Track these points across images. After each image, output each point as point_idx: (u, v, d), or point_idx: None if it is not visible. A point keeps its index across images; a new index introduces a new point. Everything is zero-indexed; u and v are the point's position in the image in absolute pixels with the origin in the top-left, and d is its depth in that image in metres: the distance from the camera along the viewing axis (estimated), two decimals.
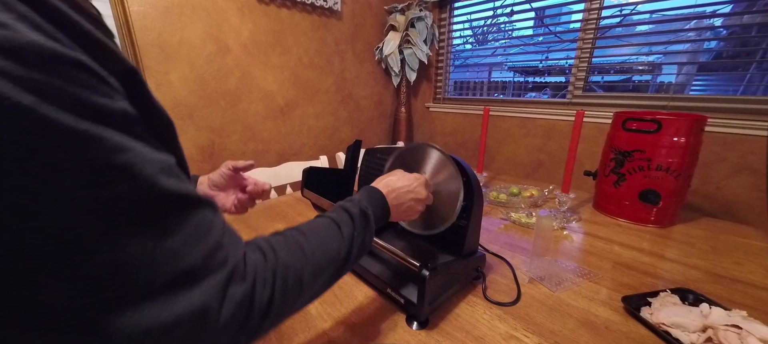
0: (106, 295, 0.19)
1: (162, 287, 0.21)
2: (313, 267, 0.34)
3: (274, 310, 0.28)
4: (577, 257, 0.78)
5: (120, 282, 0.19)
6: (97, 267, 0.18)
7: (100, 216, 0.18)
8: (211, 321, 0.23)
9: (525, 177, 1.88)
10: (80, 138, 0.17)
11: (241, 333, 0.25)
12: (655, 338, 0.52)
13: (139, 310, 0.20)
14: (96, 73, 0.19)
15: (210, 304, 0.23)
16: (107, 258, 0.19)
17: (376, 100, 2.36)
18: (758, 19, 1.29)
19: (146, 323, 0.20)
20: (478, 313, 0.57)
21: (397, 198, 0.50)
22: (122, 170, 0.19)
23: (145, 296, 0.20)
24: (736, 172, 1.31)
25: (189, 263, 0.22)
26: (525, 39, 2.01)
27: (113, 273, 0.19)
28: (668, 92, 1.51)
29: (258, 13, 1.66)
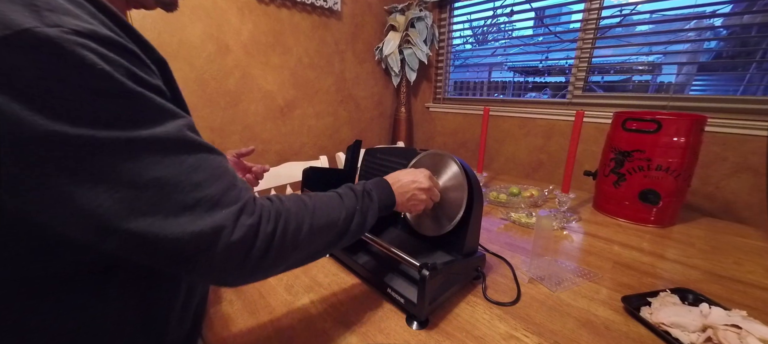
0: (149, 204, 0.27)
1: (191, 206, 0.28)
2: (313, 221, 0.38)
3: (275, 245, 0.33)
4: (577, 257, 0.78)
5: (161, 195, 0.27)
6: (147, 182, 0.26)
7: (148, 145, 0.27)
8: (225, 238, 0.29)
9: (525, 177, 1.88)
10: (133, 95, 0.27)
11: (247, 258, 0.31)
12: (654, 338, 0.52)
13: (173, 220, 0.27)
14: (141, 58, 0.29)
15: (225, 225, 0.29)
16: (154, 176, 0.27)
17: (376, 100, 2.36)
18: (758, 19, 1.29)
19: (179, 230, 0.27)
20: (478, 313, 0.57)
21: (402, 187, 0.54)
22: (161, 120, 0.28)
23: (179, 210, 0.27)
24: (736, 172, 1.31)
25: (210, 193, 0.29)
26: (525, 39, 2.01)
27: (157, 187, 0.27)
28: (668, 92, 1.51)
29: (258, 13, 1.66)
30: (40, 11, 0.23)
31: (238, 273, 0.31)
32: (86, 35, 0.24)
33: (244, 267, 0.31)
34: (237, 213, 0.30)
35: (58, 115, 0.23)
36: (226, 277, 0.31)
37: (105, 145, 0.25)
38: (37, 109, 0.22)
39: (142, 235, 0.26)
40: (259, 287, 0.63)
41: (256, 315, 0.56)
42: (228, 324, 0.54)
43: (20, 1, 0.23)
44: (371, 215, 0.47)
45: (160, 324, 0.42)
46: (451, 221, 0.61)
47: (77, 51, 0.23)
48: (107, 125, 0.25)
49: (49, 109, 0.23)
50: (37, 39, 0.22)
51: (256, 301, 0.59)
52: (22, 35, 0.22)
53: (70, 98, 0.23)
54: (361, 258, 0.66)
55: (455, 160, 0.63)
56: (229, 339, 0.51)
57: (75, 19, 0.24)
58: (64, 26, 0.23)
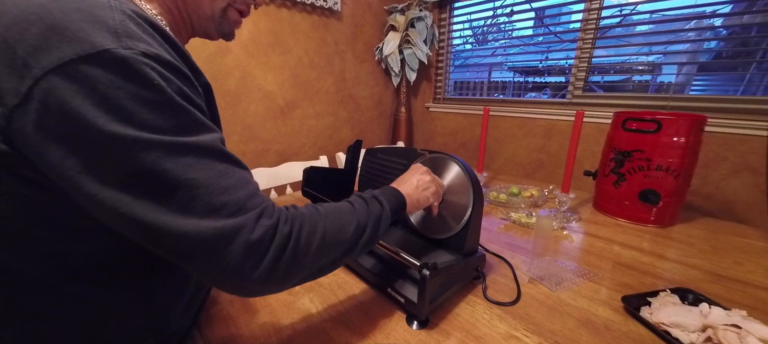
0: (181, 202, 0.30)
1: (217, 208, 0.31)
2: (326, 225, 0.40)
3: (290, 246, 0.35)
4: (577, 257, 0.78)
5: (192, 195, 0.30)
6: (182, 181, 0.30)
7: (187, 149, 0.31)
8: (244, 235, 0.32)
9: (525, 177, 1.88)
10: (179, 108, 0.31)
11: (264, 258, 0.33)
12: (654, 338, 0.52)
13: (199, 220, 0.30)
14: (191, 80, 0.34)
15: (246, 224, 0.32)
16: (189, 177, 0.30)
17: (376, 100, 2.36)
18: (758, 19, 1.29)
19: (203, 227, 0.30)
20: (478, 313, 0.57)
21: (408, 185, 0.56)
22: (199, 131, 0.32)
23: (206, 211, 0.31)
24: (736, 172, 1.31)
25: (235, 198, 0.33)
26: (525, 39, 2.01)
27: (190, 188, 0.30)
28: (668, 92, 1.51)
29: (258, 13, 1.66)
30: (121, 37, 0.28)
31: (255, 274, 0.32)
32: (151, 57, 0.30)
33: (261, 267, 0.33)
34: (257, 215, 0.33)
35: (118, 119, 0.28)
36: (242, 279, 0.32)
37: (150, 145, 0.28)
38: (104, 112, 0.27)
39: (170, 231, 0.29)
40: None
41: (256, 315, 0.56)
42: (228, 324, 0.54)
43: (107, 28, 0.28)
44: (384, 219, 0.47)
45: (164, 317, 0.42)
46: (458, 223, 0.61)
47: (142, 69, 0.29)
48: (154, 130, 0.29)
49: (112, 113, 0.27)
50: (114, 57, 0.27)
51: (256, 301, 0.59)
52: (103, 54, 0.27)
53: (128, 105, 0.28)
54: (362, 259, 0.66)
55: (457, 161, 0.63)
56: (229, 339, 0.51)
57: (146, 44, 0.30)
58: (135, 49, 0.29)
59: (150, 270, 0.40)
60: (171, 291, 0.43)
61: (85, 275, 0.36)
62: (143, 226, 0.29)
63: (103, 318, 0.37)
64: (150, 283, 0.40)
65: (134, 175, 0.28)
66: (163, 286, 0.42)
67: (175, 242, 0.30)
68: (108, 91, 0.27)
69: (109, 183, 0.28)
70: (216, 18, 0.46)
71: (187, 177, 0.30)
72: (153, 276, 0.40)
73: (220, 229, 0.31)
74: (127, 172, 0.28)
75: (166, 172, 0.29)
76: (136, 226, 0.29)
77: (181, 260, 0.31)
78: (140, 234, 0.30)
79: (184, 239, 0.30)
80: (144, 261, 0.39)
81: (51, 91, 0.26)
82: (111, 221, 0.30)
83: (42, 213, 0.32)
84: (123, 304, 0.38)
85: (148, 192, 0.29)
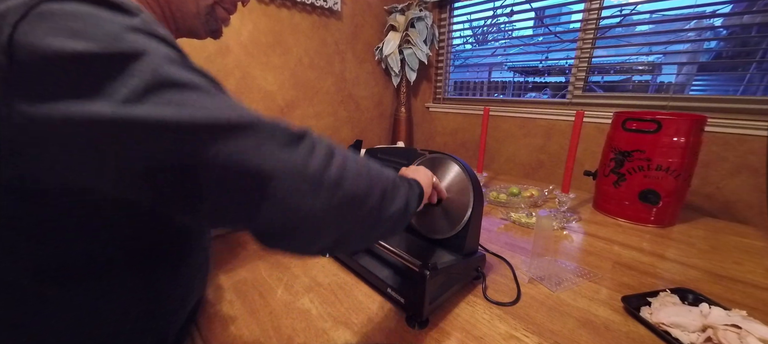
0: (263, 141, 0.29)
1: (285, 142, 0.30)
2: (370, 167, 0.38)
3: (335, 162, 0.33)
4: (577, 257, 0.78)
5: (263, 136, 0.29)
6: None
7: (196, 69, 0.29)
8: (310, 138, 0.32)
9: (525, 177, 1.88)
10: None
11: (313, 158, 0.31)
12: (654, 338, 0.52)
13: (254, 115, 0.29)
14: None
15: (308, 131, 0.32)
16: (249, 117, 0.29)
17: (376, 100, 2.36)
18: (758, 19, 1.29)
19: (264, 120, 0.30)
20: (478, 313, 0.57)
21: (417, 176, 0.53)
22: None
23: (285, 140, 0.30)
24: (736, 172, 1.31)
25: (290, 131, 0.31)
26: (525, 39, 2.01)
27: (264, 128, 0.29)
28: (668, 92, 1.51)
29: (258, 14, 1.66)
30: None
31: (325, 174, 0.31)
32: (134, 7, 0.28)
33: (307, 174, 0.30)
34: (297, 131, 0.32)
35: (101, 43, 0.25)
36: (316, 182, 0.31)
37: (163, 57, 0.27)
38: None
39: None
40: (259, 287, 0.63)
41: (256, 315, 0.56)
42: (228, 324, 0.54)
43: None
44: (413, 198, 0.45)
45: (161, 317, 0.42)
46: (458, 223, 0.61)
47: (124, 4, 0.27)
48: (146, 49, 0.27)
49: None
50: None
51: (256, 301, 0.59)
52: None
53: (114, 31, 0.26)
54: (361, 258, 0.66)
55: (457, 161, 0.63)
56: (229, 339, 0.51)
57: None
58: None
59: (145, 272, 0.39)
60: (168, 291, 0.43)
61: (77, 279, 0.35)
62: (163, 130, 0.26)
63: (98, 321, 0.37)
64: (146, 284, 0.40)
65: (144, 88, 0.25)
66: (159, 287, 0.41)
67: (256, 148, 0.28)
68: (89, 19, 0.25)
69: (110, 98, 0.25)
70: (202, 16, 0.45)
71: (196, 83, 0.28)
72: (149, 278, 0.40)
73: (282, 127, 0.30)
74: (145, 83, 0.25)
75: (174, 79, 0.27)
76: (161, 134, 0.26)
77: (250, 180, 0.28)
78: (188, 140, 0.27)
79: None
80: (143, 261, 0.39)
81: (29, 31, 0.23)
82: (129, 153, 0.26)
83: (50, 210, 0.32)
84: (120, 305, 0.38)
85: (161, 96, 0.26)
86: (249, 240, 0.81)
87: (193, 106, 0.26)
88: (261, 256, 0.74)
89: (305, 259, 0.72)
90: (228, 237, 0.82)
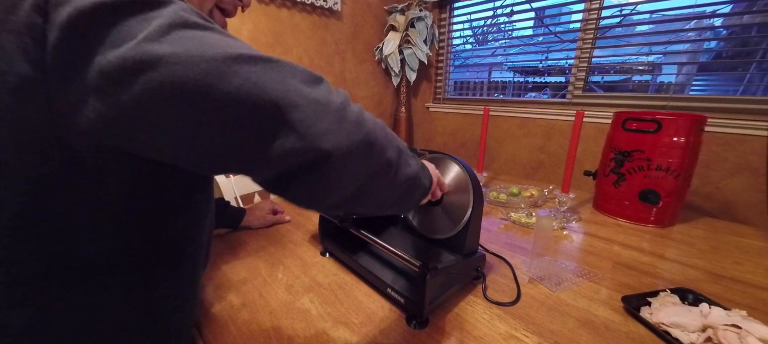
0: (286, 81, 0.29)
1: (305, 80, 0.31)
2: (387, 131, 0.38)
3: (355, 106, 0.34)
4: (577, 257, 0.78)
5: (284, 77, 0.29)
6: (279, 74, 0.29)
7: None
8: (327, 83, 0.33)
9: (525, 177, 1.88)
10: None
11: (347, 111, 0.32)
12: (654, 338, 0.52)
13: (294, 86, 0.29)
14: None
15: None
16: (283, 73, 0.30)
17: (376, 100, 2.36)
18: (758, 19, 1.29)
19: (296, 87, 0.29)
20: (478, 313, 0.57)
21: None
22: None
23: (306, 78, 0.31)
24: (736, 172, 1.31)
25: (309, 73, 0.32)
26: (525, 39, 2.01)
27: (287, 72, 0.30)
28: (668, 92, 1.51)
29: (258, 13, 1.66)
30: None
31: (346, 112, 0.32)
32: None
33: (349, 109, 0.33)
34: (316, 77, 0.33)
35: None
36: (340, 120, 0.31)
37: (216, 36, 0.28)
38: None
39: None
40: (259, 287, 0.63)
41: (256, 315, 0.56)
42: (228, 324, 0.54)
43: None
44: (425, 176, 0.47)
45: (162, 316, 0.42)
46: (458, 223, 0.61)
47: None
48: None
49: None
50: None
51: (256, 301, 0.59)
52: None
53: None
54: (361, 258, 0.66)
55: (458, 161, 0.63)
56: (229, 339, 0.51)
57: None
58: None
59: (149, 270, 0.40)
60: (176, 295, 0.43)
61: (87, 272, 0.35)
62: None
63: (97, 322, 0.37)
64: (154, 286, 0.40)
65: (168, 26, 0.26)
66: (167, 290, 0.42)
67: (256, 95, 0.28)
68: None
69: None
70: None
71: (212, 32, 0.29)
72: (158, 279, 0.40)
73: (308, 72, 0.31)
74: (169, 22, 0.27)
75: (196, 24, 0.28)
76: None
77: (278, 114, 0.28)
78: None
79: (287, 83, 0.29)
80: (143, 260, 0.39)
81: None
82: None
83: (51, 209, 0.32)
84: (120, 304, 0.38)
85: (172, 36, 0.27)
86: (249, 240, 0.81)
87: (214, 43, 0.27)
88: (261, 256, 0.74)
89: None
90: (228, 237, 0.82)
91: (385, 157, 0.37)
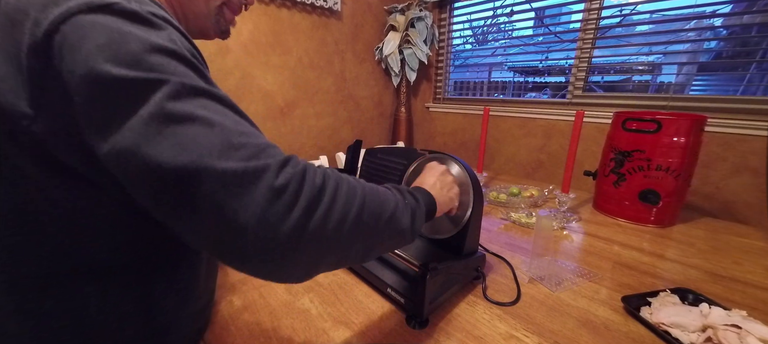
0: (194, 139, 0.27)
1: (236, 147, 0.28)
2: (368, 195, 0.34)
3: (325, 202, 0.30)
4: (577, 257, 0.78)
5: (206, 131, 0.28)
6: (198, 117, 0.28)
7: (202, 92, 0.29)
8: (269, 178, 0.28)
9: (525, 177, 1.88)
10: (190, 61, 0.30)
11: (293, 205, 0.28)
12: (654, 338, 0.52)
13: (216, 159, 0.27)
14: (198, 50, 0.34)
15: (269, 167, 0.28)
16: (204, 115, 0.28)
17: (376, 100, 2.36)
18: (758, 19, 1.29)
19: (221, 166, 0.27)
20: (478, 313, 0.57)
21: (435, 188, 0.51)
22: (213, 84, 0.31)
23: (222, 148, 0.27)
24: (736, 172, 1.31)
25: (255, 142, 0.29)
26: (525, 39, 2.01)
27: (205, 124, 0.28)
28: (668, 92, 1.51)
29: (258, 13, 1.66)
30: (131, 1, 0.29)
31: (283, 227, 0.27)
32: (160, 17, 0.30)
33: (290, 219, 0.27)
34: (281, 162, 0.29)
35: (124, 64, 0.27)
36: (267, 233, 0.27)
37: (160, 84, 0.27)
38: (110, 56, 0.26)
39: (184, 169, 0.26)
40: (259, 287, 0.63)
41: (256, 315, 0.56)
42: (228, 324, 0.54)
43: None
44: (419, 217, 0.42)
45: (165, 324, 0.42)
46: (458, 223, 0.61)
47: (151, 19, 0.29)
48: (164, 72, 0.28)
49: (119, 57, 0.27)
50: (123, 9, 0.28)
51: (256, 301, 0.59)
52: (111, 6, 0.28)
53: (136, 49, 0.27)
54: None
55: (458, 161, 0.63)
56: (229, 339, 0.51)
57: (157, 7, 0.31)
58: (144, 9, 0.29)
59: (154, 275, 0.40)
60: (175, 297, 0.43)
61: (87, 274, 0.35)
62: (157, 171, 0.26)
63: (102, 320, 0.37)
64: (153, 288, 0.40)
65: (146, 118, 0.26)
66: (167, 292, 0.41)
67: (188, 183, 0.26)
68: (115, 35, 0.27)
69: (122, 129, 0.26)
70: (212, 16, 0.47)
71: (200, 114, 0.28)
72: (156, 281, 0.40)
73: (237, 170, 0.27)
74: (139, 115, 0.26)
75: (177, 111, 0.27)
76: (152, 174, 0.26)
77: (193, 216, 0.27)
78: (157, 184, 0.26)
79: (197, 181, 0.26)
80: (150, 264, 0.39)
81: (62, 42, 0.27)
82: (132, 175, 0.27)
83: (54, 207, 0.32)
84: (124, 307, 0.38)
85: (160, 133, 0.26)
86: None
87: (184, 145, 0.26)
88: None
89: None
90: None
91: (367, 240, 0.35)
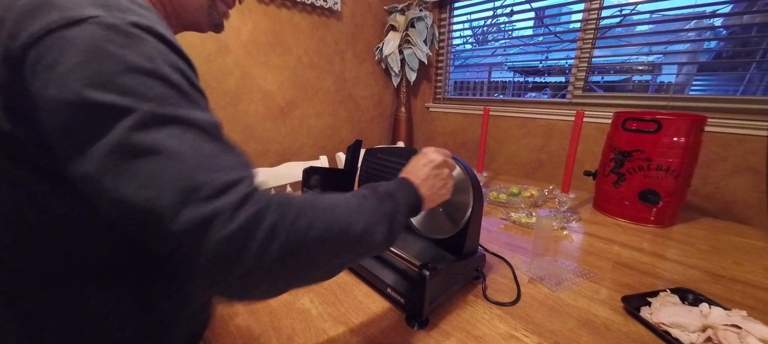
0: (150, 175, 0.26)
1: (195, 188, 0.27)
2: (330, 220, 0.34)
3: (280, 239, 0.29)
4: (577, 257, 0.78)
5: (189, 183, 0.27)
6: (161, 150, 0.27)
7: (172, 120, 0.28)
8: (219, 225, 0.27)
9: (525, 177, 1.88)
10: (169, 80, 0.29)
11: (244, 248, 0.28)
12: (654, 338, 0.52)
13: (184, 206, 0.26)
14: (186, 57, 0.33)
15: (222, 211, 0.27)
16: (169, 147, 0.27)
17: (376, 100, 2.36)
18: (758, 19, 1.29)
19: (187, 215, 0.26)
20: (478, 313, 0.57)
21: (420, 176, 0.49)
22: (191, 106, 0.30)
23: (179, 189, 0.26)
24: (736, 172, 1.31)
25: (217, 179, 0.28)
26: (525, 39, 2.01)
27: (169, 158, 0.27)
28: (668, 92, 1.51)
29: (258, 13, 1.66)
30: (111, 9, 0.28)
31: (238, 269, 0.28)
32: (142, 27, 0.29)
33: (245, 260, 0.28)
34: (239, 202, 0.28)
35: (95, 84, 0.26)
36: (226, 274, 0.28)
37: (127, 112, 0.26)
38: (82, 77, 0.26)
39: (145, 204, 0.26)
40: None
41: (256, 315, 0.56)
42: (228, 324, 0.54)
43: (97, 0, 0.28)
44: (399, 220, 0.42)
45: (166, 324, 0.42)
46: (458, 223, 0.61)
47: (130, 32, 0.28)
48: (136, 97, 0.27)
49: (90, 78, 0.26)
50: (101, 23, 0.27)
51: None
52: (89, 20, 0.27)
53: (108, 69, 0.26)
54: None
55: (457, 161, 0.63)
56: (229, 339, 0.51)
57: (137, 16, 0.29)
58: (125, 19, 0.28)
59: (153, 275, 0.40)
60: (175, 297, 0.43)
61: (86, 274, 0.35)
62: (121, 205, 0.26)
63: (101, 320, 0.37)
64: (152, 288, 0.40)
65: (109, 148, 0.26)
66: (166, 292, 0.41)
67: (149, 221, 0.26)
68: (91, 54, 0.26)
69: (86, 155, 0.26)
70: (204, 9, 0.46)
71: (165, 146, 0.27)
72: (156, 281, 0.40)
73: (193, 218, 0.26)
74: (103, 143, 0.26)
75: (140, 144, 0.26)
76: (116, 206, 0.26)
77: (161, 245, 0.28)
78: (125, 214, 0.27)
79: (158, 218, 0.26)
80: (148, 264, 0.39)
81: (38, 60, 0.26)
82: (98, 201, 0.28)
83: (52, 208, 0.32)
84: (123, 307, 0.38)
85: (120, 166, 0.26)
86: None
87: (143, 183, 0.26)
88: None
89: None
90: None
91: (333, 261, 0.35)
